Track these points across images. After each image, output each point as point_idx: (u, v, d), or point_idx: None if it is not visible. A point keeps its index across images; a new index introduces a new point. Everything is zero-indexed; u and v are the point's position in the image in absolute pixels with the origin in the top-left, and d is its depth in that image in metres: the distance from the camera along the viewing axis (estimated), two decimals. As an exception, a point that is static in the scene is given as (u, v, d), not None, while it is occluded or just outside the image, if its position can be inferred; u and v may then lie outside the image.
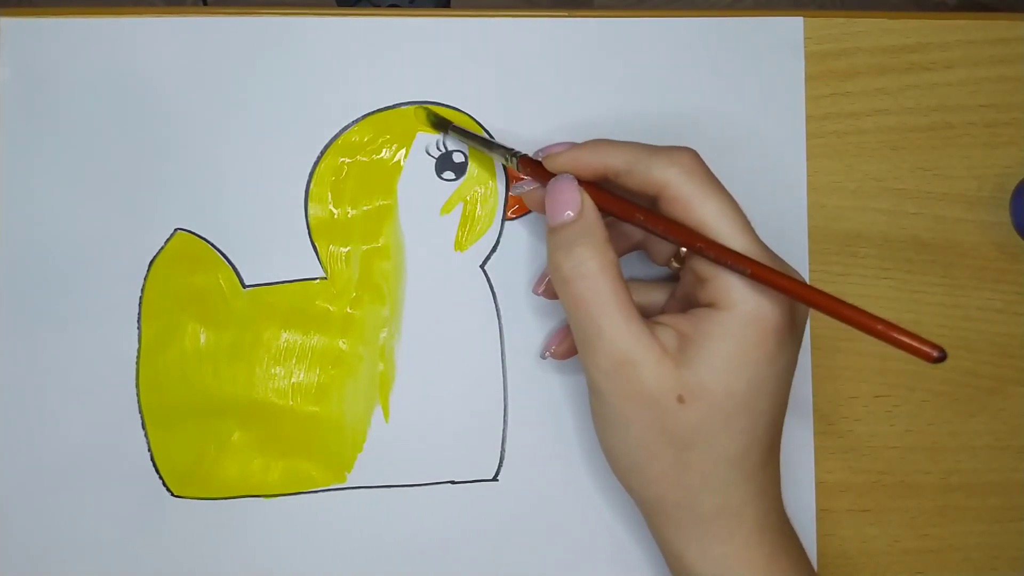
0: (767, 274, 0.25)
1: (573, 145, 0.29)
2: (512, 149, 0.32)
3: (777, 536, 0.28)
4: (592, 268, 0.26)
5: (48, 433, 0.34)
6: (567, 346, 0.33)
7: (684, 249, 0.30)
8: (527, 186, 0.31)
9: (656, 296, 0.32)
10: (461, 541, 0.35)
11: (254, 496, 0.34)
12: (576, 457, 0.35)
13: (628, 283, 0.27)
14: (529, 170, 0.31)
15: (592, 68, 0.35)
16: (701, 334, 0.26)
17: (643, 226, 0.27)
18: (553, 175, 0.29)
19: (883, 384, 0.36)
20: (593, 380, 0.27)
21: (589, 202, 0.28)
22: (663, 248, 0.31)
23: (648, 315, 0.28)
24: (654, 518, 0.29)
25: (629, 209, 0.28)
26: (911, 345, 0.22)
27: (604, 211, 0.28)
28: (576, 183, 0.28)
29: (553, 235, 0.28)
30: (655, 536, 0.30)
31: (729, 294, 0.26)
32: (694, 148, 0.28)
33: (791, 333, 0.27)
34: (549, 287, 0.32)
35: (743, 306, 0.26)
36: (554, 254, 0.27)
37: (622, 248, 0.32)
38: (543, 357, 0.34)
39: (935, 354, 0.22)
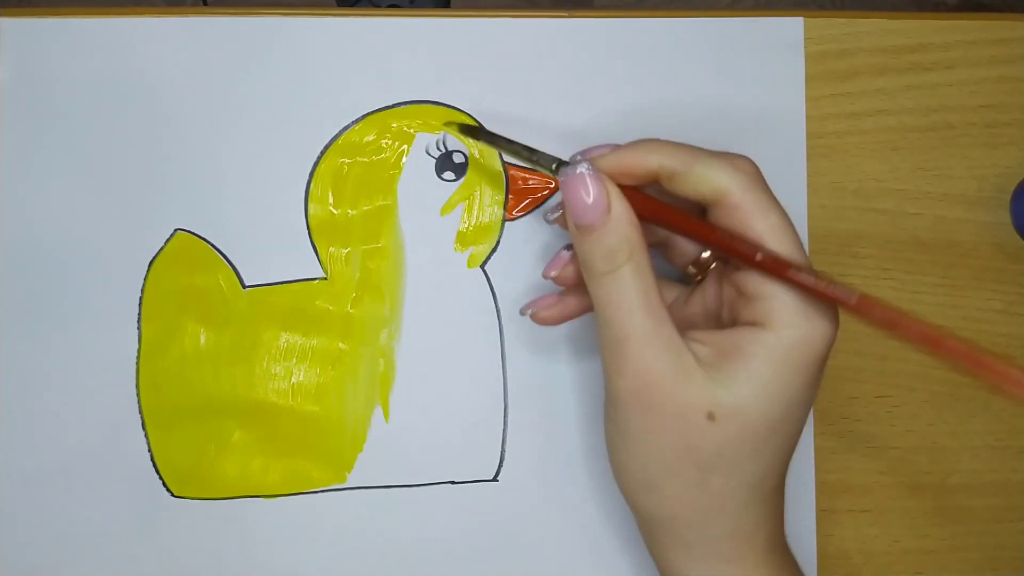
0: (829, 290, 0.23)
1: (617, 147, 0.27)
2: (556, 159, 0.28)
3: (782, 558, 0.28)
4: (628, 272, 0.25)
5: (48, 433, 0.34)
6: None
7: (706, 254, 0.28)
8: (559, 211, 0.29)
9: (668, 293, 0.31)
10: (461, 541, 0.35)
11: (254, 496, 0.34)
12: (576, 457, 0.35)
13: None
14: None
15: (592, 68, 0.35)
16: (744, 353, 0.25)
17: (692, 236, 0.26)
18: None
19: (883, 384, 0.36)
20: (614, 388, 0.26)
21: (618, 198, 0.25)
22: (684, 250, 0.29)
23: None
24: (659, 537, 0.28)
25: (679, 218, 0.26)
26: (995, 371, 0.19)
27: (648, 220, 0.26)
28: (596, 174, 0.25)
29: (585, 237, 0.26)
30: (654, 554, 0.29)
31: (780, 315, 0.25)
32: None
33: (825, 362, 0.26)
34: (566, 273, 0.30)
35: (794, 330, 0.24)
36: (588, 253, 0.26)
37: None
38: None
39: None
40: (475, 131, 0.33)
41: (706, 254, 0.29)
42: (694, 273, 0.29)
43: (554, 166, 0.28)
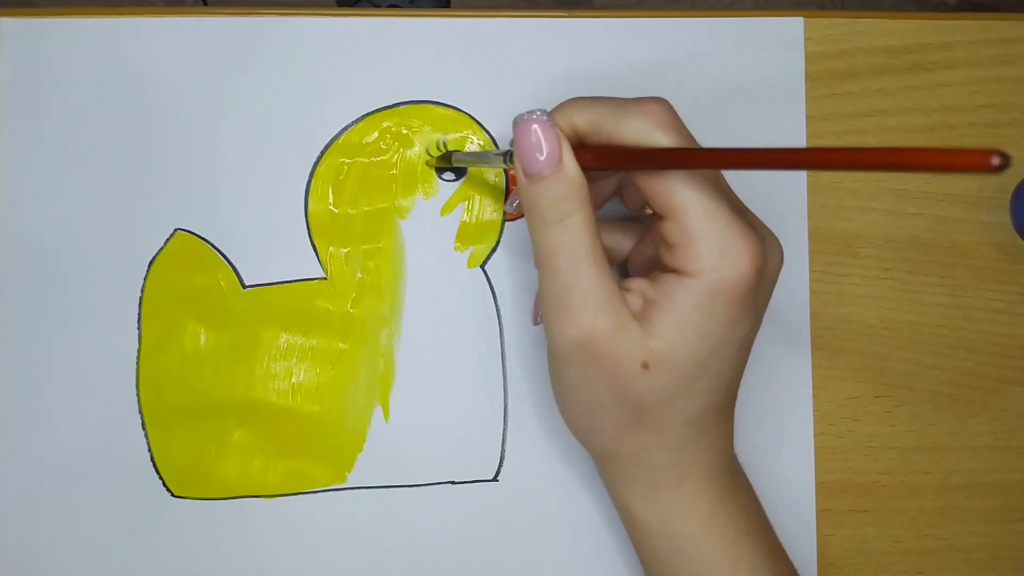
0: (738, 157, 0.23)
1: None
2: (506, 151, 0.29)
3: (725, 483, 0.29)
4: (575, 223, 0.25)
5: (48, 433, 0.34)
6: None
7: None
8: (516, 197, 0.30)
9: (620, 240, 0.32)
10: (461, 541, 0.35)
11: (254, 496, 0.34)
12: (576, 457, 0.35)
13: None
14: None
15: (592, 68, 0.35)
16: (668, 300, 0.26)
17: (617, 166, 0.26)
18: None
19: (883, 384, 0.36)
20: (556, 339, 0.26)
21: (568, 151, 0.26)
22: (637, 194, 0.30)
23: (613, 259, 0.28)
24: (607, 472, 0.30)
25: (605, 153, 0.26)
26: (956, 160, 0.17)
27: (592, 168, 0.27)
28: (548, 121, 0.26)
29: (535, 186, 0.26)
30: (607, 487, 0.31)
31: (698, 261, 0.25)
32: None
33: (755, 300, 0.26)
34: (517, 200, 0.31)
35: (711, 273, 0.25)
36: (536, 201, 0.26)
37: (598, 201, 0.31)
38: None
39: (995, 161, 0.17)
40: (447, 157, 0.34)
41: None
42: (651, 213, 0.30)
43: (504, 157, 0.29)
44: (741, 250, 0.25)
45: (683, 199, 0.25)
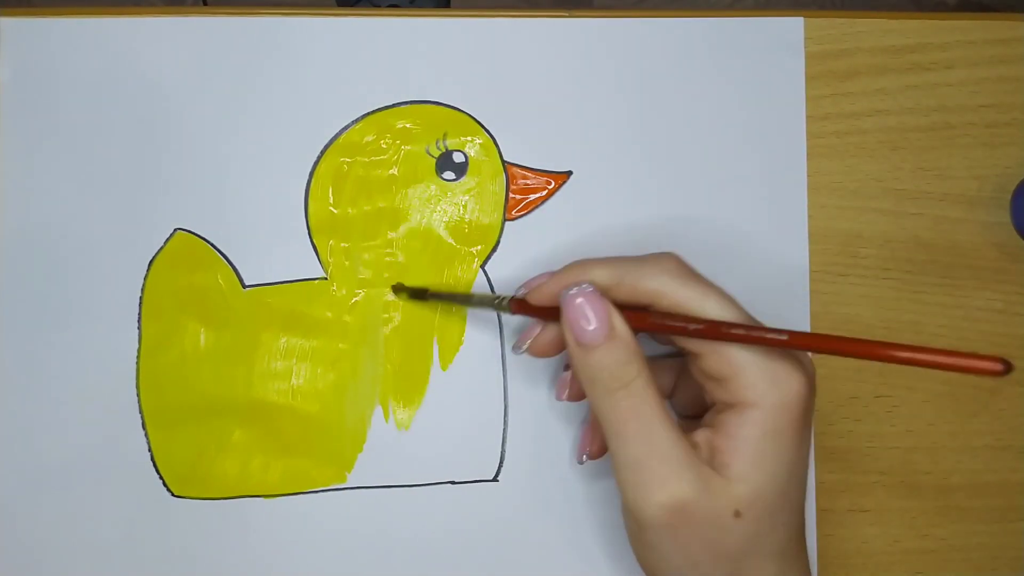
0: (760, 336, 0.24)
1: (553, 273, 0.29)
2: (498, 296, 0.31)
3: None
4: (639, 386, 0.26)
5: (48, 433, 0.34)
6: (599, 445, 0.32)
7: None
8: (529, 336, 0.30)
9: (665, 380, 0.32)
10: (461, 541, 0.35)
11: (254, 496, 0.34)
12: (575, 457, 0.35)
13: None
14: (525, 310, 0.29)
15: (592, 68, 0.35)
16: (735, 439, 0.25)
17: (682, 333, 0.26)
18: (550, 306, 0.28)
19: (883, 384, 0.36)
20: (642, 510, 0.26)
21: (618, 317, 0.26)
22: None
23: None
24: None
25: (664, 322, 0.26)
26: (970, 366, 0.20)
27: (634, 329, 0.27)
28: (595, 291, 0.26)
29: (592, 354, 0.26)
30: None
31: (753, 389, 0.25)
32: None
33: (810, 412, 0.26)
34: (576, 390, 0.31)
35: (769, 398, 0.25)
36: (596, 370, 0.26)
37: None
38: (580, 463, 0.33)
39: (999, 367, 0.20)
40: (422, 294, 0.34)
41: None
42: (677, 348, 0.30)
43: (496, 301, 0.30)
44: (789, 370, 0.26)
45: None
